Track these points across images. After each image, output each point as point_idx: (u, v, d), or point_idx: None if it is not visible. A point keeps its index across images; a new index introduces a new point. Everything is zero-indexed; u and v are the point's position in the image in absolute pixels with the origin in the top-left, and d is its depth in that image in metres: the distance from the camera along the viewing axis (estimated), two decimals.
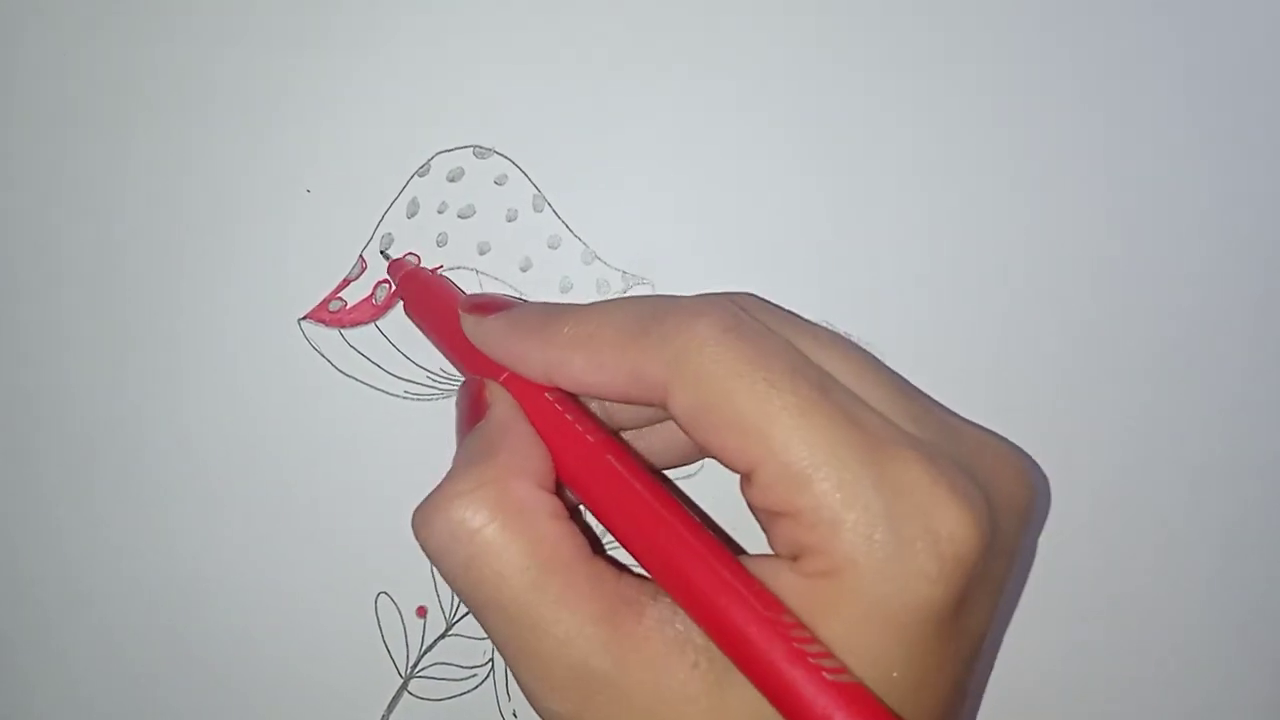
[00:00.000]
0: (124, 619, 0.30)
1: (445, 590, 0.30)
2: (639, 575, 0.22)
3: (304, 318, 0.29)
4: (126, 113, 0.29)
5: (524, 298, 0.29)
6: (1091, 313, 0.30)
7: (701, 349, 0.21)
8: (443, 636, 0.30)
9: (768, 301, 0.25)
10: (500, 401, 0.24)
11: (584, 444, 0.23)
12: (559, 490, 0.23)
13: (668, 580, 0.21)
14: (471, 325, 0.25)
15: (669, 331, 0.21)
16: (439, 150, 0.29)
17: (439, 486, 0.22)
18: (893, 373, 0.24)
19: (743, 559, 0.21)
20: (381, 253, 0.29)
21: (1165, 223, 0.30)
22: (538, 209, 0.29)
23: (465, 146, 0.29)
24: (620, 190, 0.29)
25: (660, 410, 0.23)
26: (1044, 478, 0.30)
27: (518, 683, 0.22)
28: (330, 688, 0.30)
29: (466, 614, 0.30)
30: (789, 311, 0.25)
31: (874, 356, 0.24)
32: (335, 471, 0.30)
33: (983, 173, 0.30)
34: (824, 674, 0.19)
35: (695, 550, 0.20)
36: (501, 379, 0.24)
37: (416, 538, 0.22)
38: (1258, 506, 0.30)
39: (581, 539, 0.22)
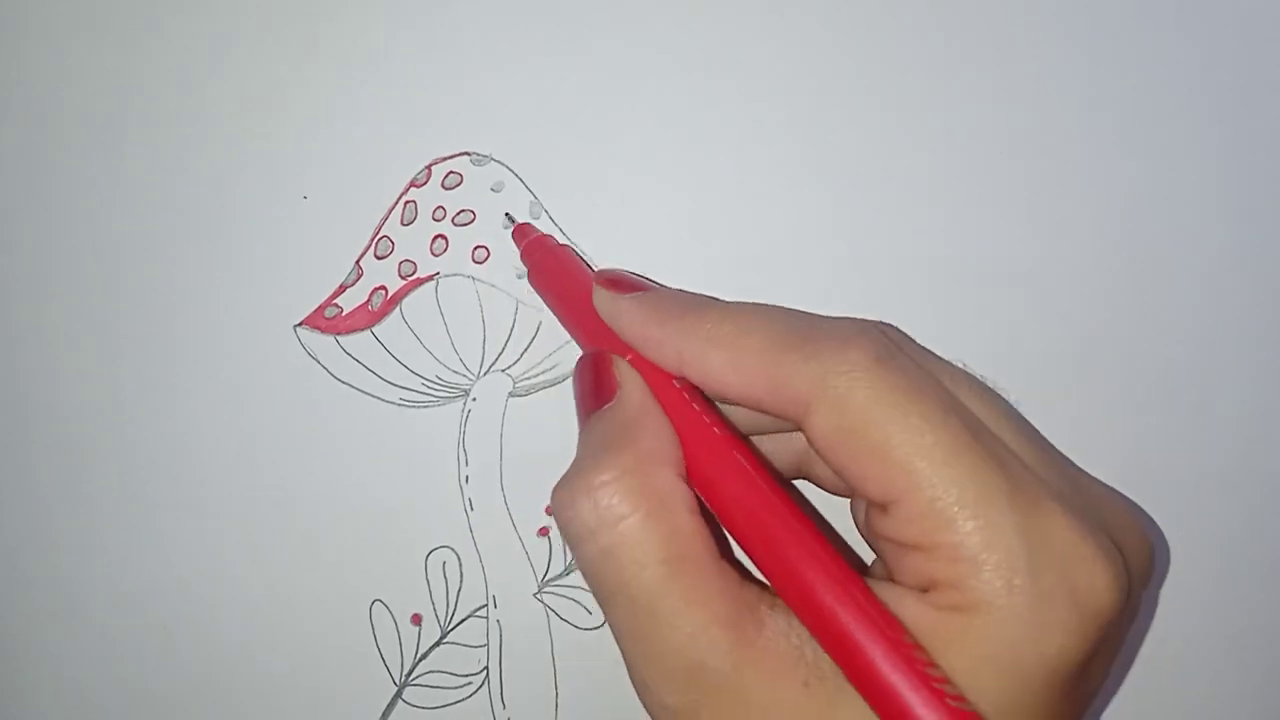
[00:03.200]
0: (119, 626, 0.30)
1: (440, 598, 0.30)
2: (759, 581, 0.22)
3: (300, 324, 0.29)
4: (123, 119, 0.29)
5: (521, 304, 0.29)
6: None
7: (852, 373, 0.21)
8: (437, 644, 0.30)
9: (908, 336, 0.25)
10: (631, 382, 0.24)
11: (711, 437, 0.22)
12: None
13: (788, 588, 0.21)
14: (606, 301, 0.25)
15: (820, 350, 0.21)
16: (436, 157, 0.29)
17: (579, 468, 0.22)
18: (1026, 421, 0.24)
19: (867, 580, 0.21)
20: (506, 214, 0.29)
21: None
22: (535, 216, 0.29)
23: (462, 153, 0.29)
24: (617, 196, 0.29)
25: (776, 421, 0.23)
26: (1164, 540, 0.30)
27: (630, 671, 0.22)
28: (325, 695, 0.30)
29: (461, 622, 0.30)
30: (928, 349, 0.25)
31: (1008, 402, 0.24)
32: (330, 478, 0.29)
33: (984, 175, 0.29)
34: (947, 700, 0.19)
35: (821, 560, 0.20)
36: (628, 359, 0.24)
37: (557, 519, 0.22)
38: None
39: (711, 537, 0.22)
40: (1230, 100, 0.30)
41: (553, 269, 0.28)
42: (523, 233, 0.29)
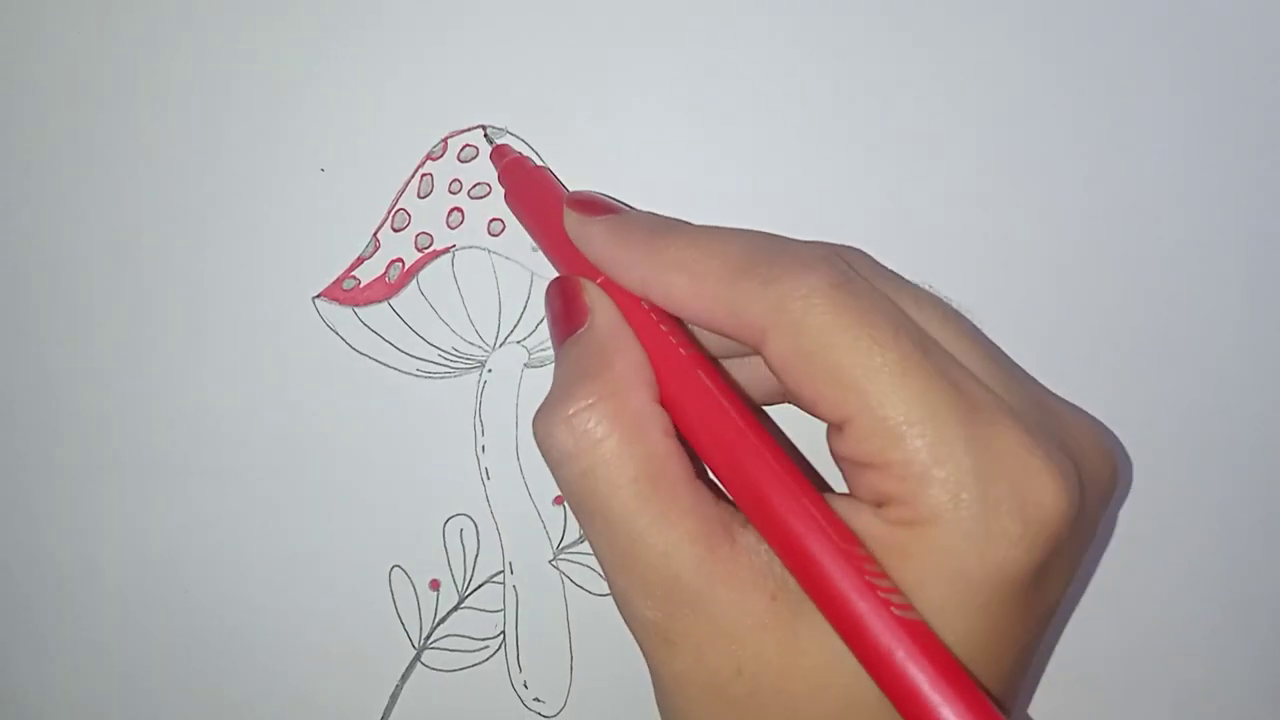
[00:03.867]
0: (141, 588, 0.31)
1: (458, 563, 0.30)
2: (732, 502, 0.23)
3: (318, 296, 0.30)
4: (141, 92, 0.30)
5: (537, 276, 0.30)
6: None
7: (808, 299, 0.21)
8: (455, 609, 0.30)
9: (873, 259, 0.25)
10: (602, 307, 0.24)
11: (675, 357, 0.23)
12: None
13: (747, 500, 0.21)
14: (575, 224, 0.25)
15: (776, 276, 0.21)
16: (452, 130, 0.29)
17: (556, 396, 0.23)
18: (989, 341, 0.24)
19: (824, 495, 0.21)
20: (485, 136, 0.29)
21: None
22: None
23: (478, 126, 0.29)
24: (632, 169, 0.29)
25: (749, 347, 0.23)
26: (1127, 459, 0.30)
27: (611, 587, 0.23)
28: (344, 659, 0.31)
29: (478, 588, 0.30)
30: (893, 271, 0.25)
31: (972, 323, 0.24)
32: (350, 448, 0.30)
33: (985, 166, 0.30)
34: (892, 609, 0.19)
35: (777, 474, 0.21)
36: (598, 282, 0.24)
37: (539, 445, 0.23)
38: None
39: (686, 458, 0.23)
40: (1232, 91, 0.30)
41: (528, 190, 0.28)
42: (501, 153, 0.29)
